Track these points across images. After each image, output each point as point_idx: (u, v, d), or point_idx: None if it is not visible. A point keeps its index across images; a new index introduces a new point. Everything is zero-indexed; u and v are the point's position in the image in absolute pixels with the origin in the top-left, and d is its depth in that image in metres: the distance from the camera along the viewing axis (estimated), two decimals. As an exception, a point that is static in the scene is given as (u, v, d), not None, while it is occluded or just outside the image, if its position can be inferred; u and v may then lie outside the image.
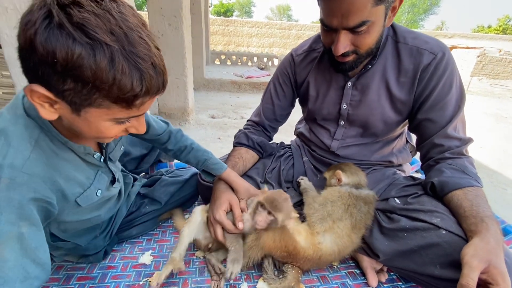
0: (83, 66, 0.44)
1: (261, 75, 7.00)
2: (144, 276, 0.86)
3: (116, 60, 0.46)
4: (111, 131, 0.57)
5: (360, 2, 0.70)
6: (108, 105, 0.50)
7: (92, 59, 0.44)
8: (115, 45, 0.46)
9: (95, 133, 0.57)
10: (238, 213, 0.87)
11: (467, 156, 0.87)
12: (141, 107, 0.54)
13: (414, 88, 0.89)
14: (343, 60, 0.85)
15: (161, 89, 0.54)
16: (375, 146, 1.04)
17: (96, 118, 0.53)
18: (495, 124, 5.43)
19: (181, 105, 3.81)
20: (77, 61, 0.44)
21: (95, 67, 0.45)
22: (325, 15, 0.77)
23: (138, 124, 0.61)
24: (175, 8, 3.21)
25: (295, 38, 16.03)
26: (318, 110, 1.06)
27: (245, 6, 40.48)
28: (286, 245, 0.81)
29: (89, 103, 0.50)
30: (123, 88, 0.48)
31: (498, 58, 11.08)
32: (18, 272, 0.51)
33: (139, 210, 1.01)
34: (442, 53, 0.85)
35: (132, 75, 0.48)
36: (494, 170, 3.34)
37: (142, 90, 0.50)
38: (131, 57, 0.47)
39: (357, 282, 0.88)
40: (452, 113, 0.85)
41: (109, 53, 0.45)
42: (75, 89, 0.47)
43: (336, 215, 0.85)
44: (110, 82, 0.47)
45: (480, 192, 0.78)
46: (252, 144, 1.13)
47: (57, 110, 0.52)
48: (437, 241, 0.73)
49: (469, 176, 0.80)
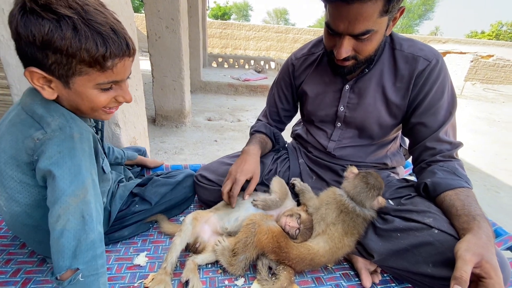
0: (54, 38, 0.55)
1: (258, 78, 7.03)
2: (139, 278, 0.85)
3: (78, 27, 0.57)
4: (100, 99, 0.67)
5: (368, 11, 0.73)
6: (86, 70, 0.61)
7: (60, 30, 0.56)
8: (75, 15, 0.57)
9: (88, 103, 0.67)
10: (252, 188, 0.98)
11: (457, 159, 0.90)
12: (114, 69, 0.64)
13: (409, 93, 0.92)
14: (342, 64, 0.88)
15: (127, 52, 0.64)
16: (370, 148, 1.06)
17: (83, 87, 0.64)
18: (488, 128, 5.52)
19: (177, 107, 3.81)
20: (49, 34, 0.55)
21: (63, 37, 0.56)
22: (332, 19, 0.80)
23: (123, 92, 0.71)
24: (173, 11, 3.22)
25: (292, 42, 16.15)
26: (315, 112, 1.09)
27: (243, 9, 40.69)
28: (278, 241, 0.83)
29: (72, 72, 0.61)
30: (90, 50, 0.58)
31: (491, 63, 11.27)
32: (97, 213, 0.65)
33: (129, 209, 1.01)
34: (436, 60, 0.88)
35: (95, 38, 0.58)
36: (487, 174, 3.39)
37: (107, 50, 0.60)
38: (90, 24, 0.58)
39: (351, 283, 0.89)
40: (444, 118, 0.88)
41: (72, 23, 0.56)
42: (57, 61, 0.58)
43: (329, 218, 0.86)
44: (79, 46, 0.57)
45: (470, 193, 0.80)
46: (270, 133, 1.19)
47: (55, 89, 0.64)
48: (430, 240, 0.74)
49: (460, 178, 0.83)
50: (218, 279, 0.87)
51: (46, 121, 0.63)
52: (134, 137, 1.59)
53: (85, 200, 0.62)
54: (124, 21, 1.36)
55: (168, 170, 1.33)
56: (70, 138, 0.63)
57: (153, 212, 1.06)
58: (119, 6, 1.30)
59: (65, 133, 0.63)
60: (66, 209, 0.60)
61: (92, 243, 0.61)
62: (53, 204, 0.60)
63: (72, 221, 0.60)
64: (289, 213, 0.93)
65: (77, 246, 0.59)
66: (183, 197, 1.15)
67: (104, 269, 0.64)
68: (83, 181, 0.63)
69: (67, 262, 0.58)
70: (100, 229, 0.65)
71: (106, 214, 0.93)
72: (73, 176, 0.62)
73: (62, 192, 0.60)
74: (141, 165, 1.33)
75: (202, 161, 2.88)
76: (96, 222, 0.64)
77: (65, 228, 0.59)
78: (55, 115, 0.65)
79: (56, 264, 0.59)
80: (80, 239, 0.60)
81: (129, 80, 0.73)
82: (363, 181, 0.87)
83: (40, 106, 0.65)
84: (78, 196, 0.61)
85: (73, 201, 0.61)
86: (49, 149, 0.61)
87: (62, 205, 0.60)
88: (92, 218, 0.63)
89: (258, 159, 1.07)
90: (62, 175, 0.61)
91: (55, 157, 0.61)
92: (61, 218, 0.59)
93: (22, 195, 0.68)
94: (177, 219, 1.15)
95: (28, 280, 0.81)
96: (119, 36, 0.62)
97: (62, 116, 0.65)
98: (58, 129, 0.63)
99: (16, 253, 0.91)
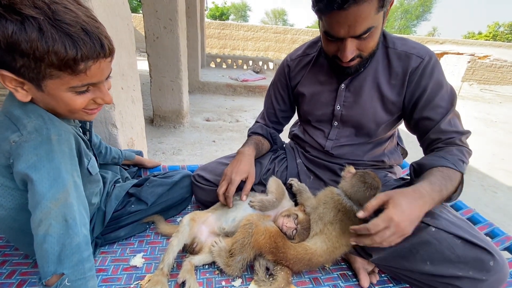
0: (19, 40, 0.52)
1: (256, 79, 7.03)
2: (135, 279, 0.85)
3: (44, 29, 0.53)
4: (76, 102, 0.64)
5: (365, 11, 0.74)
6: (57, 74, 0.58)
7: (24, 32, 0.52)
8: (41, 16, 0.53)
9: (64, 106, 0.64)
10: (248, 188, 0.98)
11: (460, 145, 0.88)
12: (87, 72, 0.60)
13: (404, 90, 0.93)
14: (348, 65, 0.89)
15: (101, 54, 0.60)
16: (368, 146, 1.07)
17: (56, 91, 0.61)
18: (485, 128, 5.55)
19: (175, 108, 3.80)
20: (13, 37, 0.52)
21: (28, 39, 0.52)
22: (331, 27, 0.80)
23: (102, 95, 0.67)
24: (171, 11, 3.22)
25: (290, 42, 16.17)
26: (312, 111, 1.09)
27: (241, 10, 40.74)
28: (276, 241, 0.83)
29: (42, 76, 0.58)
30: (59, 53, 0.55)
31: (488, 64, 11.34)
32: (81, 216, 0.63)
33: (125, 209, 1.00)
34: (429, 57, 0.90)
35: (63, 40, 0.54)
36: (485, 174, 3.40)
37: (78, 53, 0.56)
38: (58, 25, 0.54)
39: (349, 283, 0.89)
40: (445, 110, 0.89)
41: (37, 24, 0.52)
42: (25, 64, 0.55)
43: (327, 218, 0.86)
44: (46, 49, 0.54)
45: (450, 172, 0.80)
46: (266, 133, 1.21)
47: (28, 92, 0.61)
48: (428, 238, 0.75)
49: (446, 160, 0.83)
50: (215, 280, 0.86)
51: (23, 122, 0.61)
52: (131, 137, 1.58)
53: (67, 204, 0.60)
54: (122, 21, 1.36)
55: (165, 171, 1.32)
56: (47, 140, 0.61)
57: (150, 213, 1.05)
58: (116, 6, 1.30)
59: (42, 135, 0.61)
60: (48, 214, 0.58)
61: (77, 247, 0.60)
62: (34, 209, 0.59)
63: (55, 225, 0.58)
64: (286, 214, 0.92)
65: (61, 250, 0.58)
66: (180, 197, 1.15)
67: (93, 273, 0.63)
68: (64, 184, 0.61)
69: (51, 267, 0.57)
70: (86, 232, 0.64)
71: (101, 214, 0.93)
72: (52, 179, 0.60)
73: (41, 196, 0.58)
74: (139, 165, 1.33)
75: (200, 161, 2.87)
76: (80, 225, 0.62)
77: (47, 233, 0.57)
78: (32, 116, 0.62)
79: (42, 269, 0.58)
80: (64, 243, 0.58)
81: (126, 81, 0.72)
82: (360, 181, 0.87)
83: (18, 108, 0.63)
84: (59, 200, 0.59)
85: (54, 205, 0.59)
86: (26, 152, 0.59)
87: (42, 210, 0.58)
88: (75, 221, 0.61)
89: (253, 159, 1.07)
90: (40, 179, 0.59)
91: (31, 160, 0.59)
92: (42, 223, 0.58)
93: (5, 199, 0.67)
94: (174, 219, 1.15)
95: (23, 282, 0.81)
96: (92, 37, 0.58)
97: (39, 117, 0.63)
98: (35, 131, 0.60)
99: (11, 254, 0.90)
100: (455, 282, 0.73)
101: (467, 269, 0.71)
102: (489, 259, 0.70)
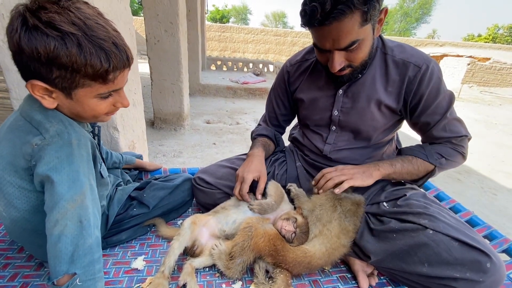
0: (60, 55, 0.57)
1: (257, 81, 7.05)
2: (136, 282, 0.85)
3: (83, 44, 0.58)
4: (101, 107, 0.70)
5: (347, 27, 0.75)
6: (89, 83, 0.63)
7: (65, 47, 0.57)
8: (79, 32, 0.58)
9: (89, 112, 0.69)
10: (262, 187, 1.00)
11: (453, 145, 0.96)
12: (115, 81, 0.66)
13: (401, 97, 0.94)
14: (339, 74, 0.91)
15: (127, 64, 0.67)
16: (366, 150, 1.07)
17: (84, 98, 0.66)
18: (485, 131, 5.55)
19: (176, 110, 3.82)
20: (54, 52, 0.56)
21: (69, 54, 0.57)
22: (317, 40, 0.84)
23: (121, 99, 0.73)
24: (171, 15, 3.24)
25: (290, 45, 16.23)
26: (310, 116, 1.10)
27: (241, 12, 40.88)
28: (275, 244, 0.84)
29: (75, 85, 0.63)
30: (95, 66, 0.60)
31: (488, 66, 11.36)
32: (95, 218, 0.66)
33: (127, 212, 1.01)
34: (426, 66, 0.90)
35: (99, 54, 0.60)
36: (484, 176, 3.41)
37: (110, 65, 0.62)
38: (94, 40, 0.59)
39: (348, 286, 0.89)
40: (440, 116, 0.92)
41: (76, 40, 0.57)
42: (61, 75, 0.60)
43: (325, 218, 0.88)
44: (84, 63, 0.59)
45: (418, 162, 0.95)
46: (272, 135, 1.24)
47: (55, 99, 0.65)
48: (425, 241, 0.76)
49: (424, 153, 0.95)
50: (216, 282, 0.87)
51: (45, 127, 0.64)
52: (132, 140, 1.59)
53: (82, 205, 0.63)
54: (123, 26, 1.37)
55: (166, 174, 1.33)
56: (68, 144, 0.64)
57: (151, 216, 1.06)
58: (118, 11, 1.32)
59: (64, 139, 0.64)
60: (64, 214, 0.60)
61: (89, 248, 0.62)
62: (51, 209, 0.61)
63: (70, 226, 0.60)
64: (285, 217, 0.93)
65: (74, 251, 0.60)
66: (181, 200, 1.16)
67: (101, 274, 0.65)
68: (81, 187, 0.64)
69: (64, 267, 0.58)
70: (98, 234, 0.66)
71: (104, 218, 0.94)
72: (71, 181, 0.62)
73: (60, 197, 0.61)
74: (140, 169, 1.34)
75: (200, 164, 2.88)
76: (93, 227, 0.64)
77: (62, 233, 0.59)
78: (53, 121, 0.65)
79: (53, 269, 0.59)
80: (77, 244, 0.60)
81: (127, 84, 0.75)
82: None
83: (39, 112, 0.66)
84: (76, 201, 0.62)
85: (71, 206, 0.61)
86: (48, 155, 0.62)
87: (60, 210, 0.60)
88: (89, 223, 0.63)
89: (263, 159, 1.10)
90: (60, 180, 0.61)
91: (53, 162, 0.62)
92: (58, 223, 0.60)
93: (20, 201, 0.69)
94: (175, 222, 1.16)
95: (26, 285, 0.81)
96: (120, 49, 0.64)
97: (60, 122, 0.66)
98: (57, 135, 0.64)
99: (13, 257, 0.91)
100: (452, 284, 0.74)
101: (464, 271, 0.72)
102: (486, 261, 0.71)
